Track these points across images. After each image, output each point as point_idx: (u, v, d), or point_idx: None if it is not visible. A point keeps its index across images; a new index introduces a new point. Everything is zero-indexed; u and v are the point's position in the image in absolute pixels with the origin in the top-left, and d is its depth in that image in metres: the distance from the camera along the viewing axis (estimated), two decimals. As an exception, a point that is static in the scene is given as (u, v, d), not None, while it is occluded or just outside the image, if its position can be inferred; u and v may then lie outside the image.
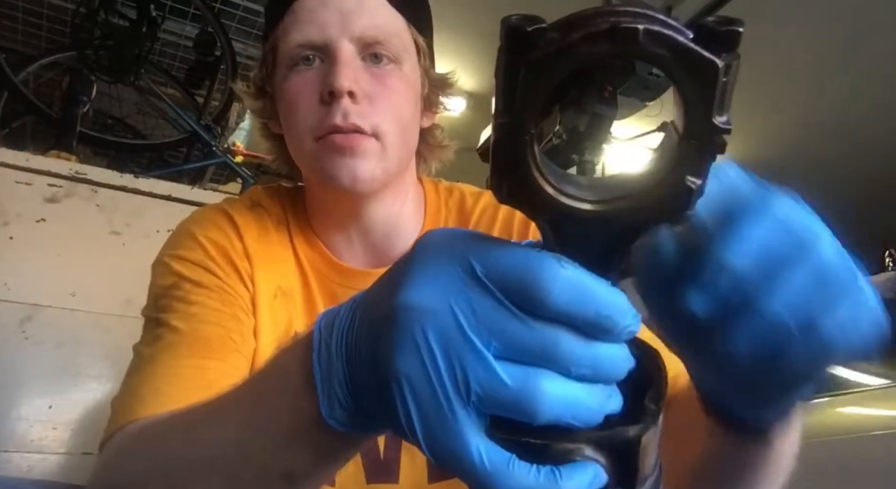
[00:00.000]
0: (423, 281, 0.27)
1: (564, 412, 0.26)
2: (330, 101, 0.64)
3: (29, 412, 1.31)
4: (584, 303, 0.26)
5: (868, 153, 4.34)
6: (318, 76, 0.65)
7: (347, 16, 0.66)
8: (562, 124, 2.02)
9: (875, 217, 4.93)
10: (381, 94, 0.66)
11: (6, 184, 1.40)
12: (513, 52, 0.23)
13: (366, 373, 0.30)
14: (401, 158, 0.69)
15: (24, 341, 1.33)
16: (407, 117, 0.69)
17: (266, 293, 0.68)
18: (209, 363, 0.59)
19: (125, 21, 2.27)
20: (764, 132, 4.13)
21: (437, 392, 0.26)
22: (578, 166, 2.05)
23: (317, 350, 0.33)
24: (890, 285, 3.41)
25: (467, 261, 0.27)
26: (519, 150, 0.25)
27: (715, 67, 0.24)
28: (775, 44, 3.35)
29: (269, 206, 0.75)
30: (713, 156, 0.26)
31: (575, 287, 0.26)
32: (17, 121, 2.45)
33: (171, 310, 0.63)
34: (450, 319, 0.26)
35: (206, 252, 0.67)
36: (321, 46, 0.66)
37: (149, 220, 1.51)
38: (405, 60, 0.69)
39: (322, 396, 0.32)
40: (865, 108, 3.90)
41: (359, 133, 0.64)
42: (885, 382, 2.81)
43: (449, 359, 0.26)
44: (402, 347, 0.27)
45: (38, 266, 1.38)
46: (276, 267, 0.70)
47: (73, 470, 1.29)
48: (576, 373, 0.26)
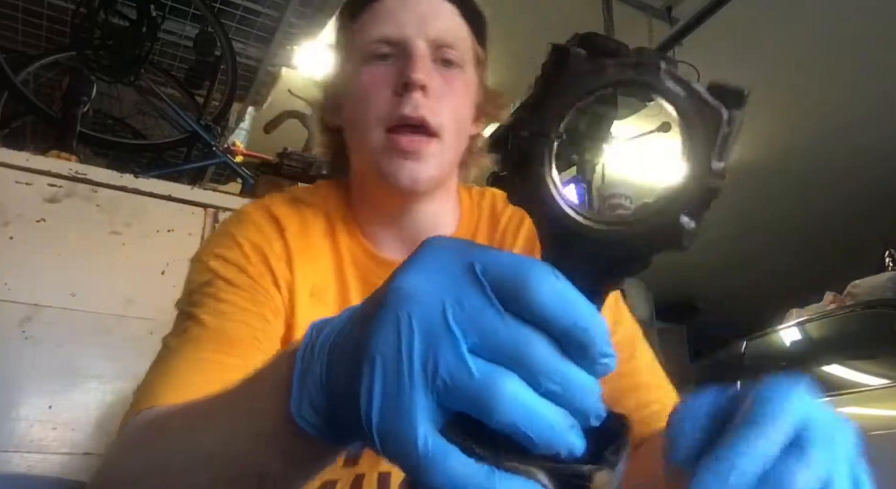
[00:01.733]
0: (422, 271, 0.28)
1: (522, 420, 0.26)
2: (403, 92, 0.68)
3: (29, 412, 1.31)
4: (565, 313, 0.27)
5: (868, 154, 4.34)
6: (392, 70, 0.70)
7: (424, 18, 0.71)
8: (562, 124, 2.02)
9: (875, 217, 4.93)
10: (447, 93, 0.71)
11: (6, 184, 1.40)
12: (556, 65, 0.27)
13: (344, 358, 0.31)
14: (453, 159, 0.74)
15: (24, 341, 1.33)
16: (464, 120, 0.74)
17: (304, 293, 0.71)
18: (230, 359, 0.60)
19: (125, 21, 2.27)
20: (764, 133, 4.13)
21: (404, 372, 0.27)
22: (578, 166, 2.05)
23: (302, 349, 0.34)
24: (890, 285, 3.41)
25: (469, 258, 0.28)
26: (539, 157, 0.28)
27: (720, 115, 0.27)
28: (776, 45, 3.35)
29: (310, 199, 0.78)
30: (708, 199, 0.28)
31: (561, 295, 0.27)
32: (17, 121, 2.44)
33: (202, 305, 0.65)
34: (436, 307, 0.27)
35: (243, 252, 0.70)
36: (397, 43, 0.70)
37: (149, 220, 1.51)
38: (468, 67, 0.75)
39: (295, 392, 0.34)
40: (866, 109, 3.90)
41: (423, 132, 0.68)
42: (885, 382, 2.81)
43: (425, 343, 0.27)
44: (384, 326, 0.28)
45: (38, 266, 1.38)
46: (315, 263, 0.73)
47: (73, 470, 1.29)
48: (544, 388, 0.27)
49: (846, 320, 3.32)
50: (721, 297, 6.69)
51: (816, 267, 5.61)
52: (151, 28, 2.25)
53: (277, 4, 2.41)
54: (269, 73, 2.74)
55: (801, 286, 4.44)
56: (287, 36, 2.55)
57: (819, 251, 5.67)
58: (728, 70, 3.48)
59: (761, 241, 5.67)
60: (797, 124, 4.05)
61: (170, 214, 1.54)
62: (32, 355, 1.33)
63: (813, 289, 3.89)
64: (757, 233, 5.51)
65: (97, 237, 1.46)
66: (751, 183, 4.71)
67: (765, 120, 4.00)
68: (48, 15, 2.37)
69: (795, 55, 3.44)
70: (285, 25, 2.48)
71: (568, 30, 1.74)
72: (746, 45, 3.36)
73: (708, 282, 6.46)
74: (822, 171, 4.55)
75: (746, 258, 6.00)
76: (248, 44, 2.59)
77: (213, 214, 1.58)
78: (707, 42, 3.06)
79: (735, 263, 6.10)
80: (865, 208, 4.97)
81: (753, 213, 5.16)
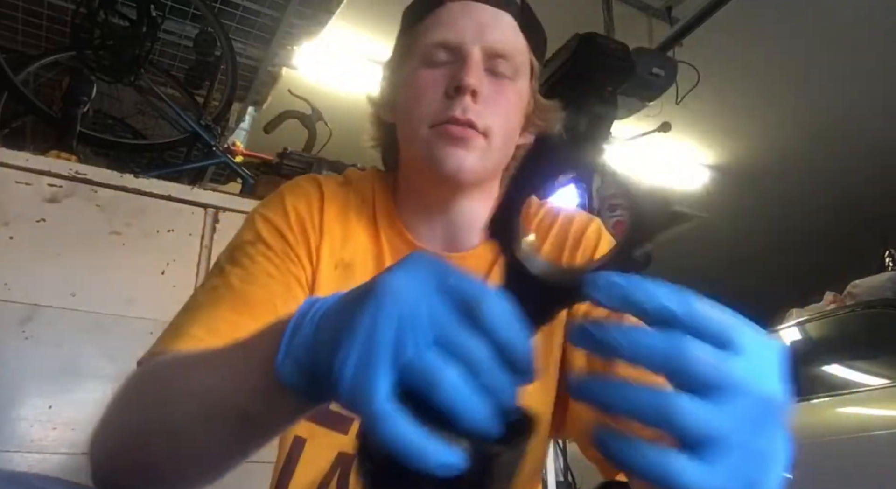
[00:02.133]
0: (407, 276, 0.36)
1: (457, 403, 0.33)
2: (454, 95, 0.72)
3: (29, 412, 1.31)
4: (505, 331, 0.34)
5: (868, 154, 4.34)
6: (446, 74, 0.74)
7: (483, 27, 0.75)
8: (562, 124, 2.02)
9: (875, 217, 4.93)
10: (497, 100, 0.74)
11: (6, 184, 1.40)
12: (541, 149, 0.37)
13: (330, 329, 0.39)
14: (498, 161, 0.78)
15: (24, 341, 1.33)
16: (512, 126, 0.78)
17: (328, 265, 0.76)
18: (243, 319, 0.65)
19: (125, 21, 2.26)
20: (765, 133, 4.13)
21: (377, 347, 0.33)
22: (578, 166, 2.04)
23: (296, 316, 0.42)
24: (890, 285, 3.41)
25: (445, 274, 0.35)
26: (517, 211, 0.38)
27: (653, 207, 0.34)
28: (775, 45, 3.36)
29: (359, 185, 0.84)
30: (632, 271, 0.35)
31: (504, 317, 0.34)
32: (17, 121, 2.44)
33: (237, 264, 0.72)
34: (411, 305, 0.34)
35: (287, 220, 0.76)
36: (455, 47, 0.74)
37: (149, 220, 1.51)
38: (521, 77, 0.78)
39: (283, 349, 0.42)
40: (866, 109, 3.90)
41: (471, 128, 0.72)
42: (885, 382, 2.81)
43: (398, 330, 0.34)
44: (369, 309, 0.35)
45: (38, 266, 1.38)
46: (346, 242, 0.78)
47: (73, 470, 1.29)
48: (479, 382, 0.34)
49: (846, 320, 3.32)
50: (721, 297, 6.67)
51: (816, 267, 5.62)
52: (151, 28, 2.25)
53: (277, 4, 2.41)
54: (269, 73, 2.74)
55: (801, 286, 4.44)
56: (287, 36, 2.55)
57: (819, 251, 5.67)
58: (728, 70, 3.49)
59: (761, 241, 5.67)
60: (797, 124, 4.05)
61: (170, 214, 1.54)
62: (32, 355, 1.33)
63: (813, 289, 3.89)
64: (757, 233, 5.52)
65: (97, 237, 1.46)
66: (751, 183, 4.71)
67: (765, 120, 4.00)
68: (48, 15, 2.37)
69: (795, 55, 3.44)
70: (285, 25, 2.48)
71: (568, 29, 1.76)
72: (746, 45, 3.36)
73: (708, 282, 6.46)
74: (822, 172, 4.55)
75: (746, 258, 6.00)
76: (248, 44, 2.59)
77: (213, 214, 1.58)
78: (707, 42, 3.07)
79: (735, 263, 6.10)
80: (865, 208, 4.98)
81: (753, 212, 5.17)
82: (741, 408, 0.33)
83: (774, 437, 0.34)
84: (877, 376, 2.89)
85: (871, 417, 2.75)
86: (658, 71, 2.60)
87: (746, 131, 4.11)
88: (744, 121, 4.01)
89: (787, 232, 5.46)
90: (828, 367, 3.22)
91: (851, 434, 2.75)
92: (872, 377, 2.92)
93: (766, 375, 0.35)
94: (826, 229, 5.37)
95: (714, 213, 5.17)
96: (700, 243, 5.71)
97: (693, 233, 5.53)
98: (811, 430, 2.95)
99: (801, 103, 3.85)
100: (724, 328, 0.34)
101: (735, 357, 0.34)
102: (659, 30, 3.13)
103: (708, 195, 4.84)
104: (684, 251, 5.67)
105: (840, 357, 3.17)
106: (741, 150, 4.29)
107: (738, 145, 4.25)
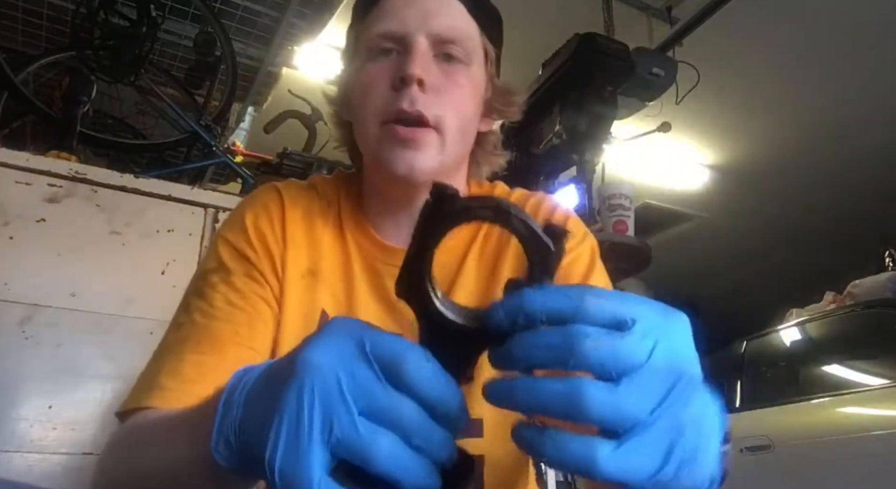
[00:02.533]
0: (324, 347, 0.35)
1: (394, 468, 0.33)
2: (400, 87, 0.70)
3: (29, 412, 1.31)
4: (431, 388, 0.35)
5: (868, 154, 4.34)
6: (392, 65, 0.72)
7: (427, 14, 0.73)
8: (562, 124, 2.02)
9: (875, 217, 4.93)
10: (447, 88, 0.72)
11: (6, 184, 1.40)
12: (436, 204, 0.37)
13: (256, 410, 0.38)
14: (457, 154, 0.76)
15: (24, 341, 1.33)
16: (468, 115, 0.75)
17: (294, 275, 0.75)
18: (207, 358, 0.65)
19: (125, 21, 2.26)
20: (764, 133, 4.13)
21: (304, 428, 0.33)
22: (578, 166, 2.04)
23: (226, 394, 0.41)
24: (890, 285, 3.41)
25: (361, 339, 0.35)
26: (423, 266, 0.38)
27: (548, 247, 0.36)
28: (775, 44, 3.36)
29: (324, 188, 0.83)
30: None
31: (429, 374, 0.35)
32: (17, 121, 2.44)
33: (200, 296, 0.71)
34: (333, 379, 0.34)
35: (248, 237, 0.75)
36: (399, 38, 0.72)
37: (149, 220, 1.51)
38: (473, 63, 0.76)
39: (214, 431, 0.41)
40: (866, 109, 3.90)
41: (421, 125, 0.70)
42: (885, 382, 2.81)
43: (324, 407, 0.33)
44: (292, 390, 0.34)
45: (38, 266, 1.38)
46: (312, 249, 0.77)
47: (73, 470, 1.29)
48: (413, 443, 0.34)
49: (846, 320, 3.32)
50: (721, 297, 6.69)
51: (816, 267, 5.62)
52: (151, 28, 2.25)
53: (277, 4, 2.42)
54: (269, 73, 2.75)
55: (801, 286, 4.44)
56: (287, 36, 2.55)
57: (819, 251, 5.67)
58: (728, 70, 3.49)
59: (761, 241, 5.67)
60: (797, 124, 4.05)
61: (170, 214, 1.54)
62: (32, 355, 1.33)
63: (813, 289, 3.89)
64: (757, 233, 5.52)
65: (97, 237, 1.46)
66: (751, 183, 4.71)
67: (765, 120, 4.00)
68: (48, 15, 2.37)
69: (795, 55, 3.44)
70: (285, 25, 2.48)
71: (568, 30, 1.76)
72: (746, 45, 3.36)
73: (708, 282, 6.47)
74: (822, 171, 4.55)
75: (746, 258, 6.00)
76: (248, 44, 2.59)
77: (213, 214, 1.58)
78: (707, 42, 3.07)
79: (735, 263, 6.10)
80: (865, 208, 4.98)
81: (753, 212, 5.17)
82: (650, 385, 0.33)
83: (694, 408, 0.34)
84: (877, 376, 2.89)
85: (871, 417, 2.75)
86: (658, 71, 2.60)
87: (746, 131, 4.11)
88: (744, 121, 4.01)
89: (786, 232, 5.46)
90: (828, 367, 3.22)
91: (851, 434, 2.75)
92: (872, 377, 2.92)
93: (671, 348, 0.35)
94: (826, 229, 5.36)
95: (714, 212, 5.17)
96: (700, 243, 5.71)
97: (693, 232, 5.53)
98: (811, 430, 2.95)
99: (801, 103, 3.85)
100: (618, 312, 0.34)
101: (633, 337, 0.34)
102: (659, 30, 3.13)
103: (708, 195, 4.84)
104: (684, 251, 5.67)
105: (840, 357, 3.17)
106: (741, 150, 4.29)
107: (738, 145, 4.25)
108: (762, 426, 3.19)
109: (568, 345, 0.33)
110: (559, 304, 0.35)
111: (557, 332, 0.34)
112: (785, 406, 3.17)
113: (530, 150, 2.06)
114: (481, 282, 0.78)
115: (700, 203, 5.00)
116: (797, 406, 3.10)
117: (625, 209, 1.99)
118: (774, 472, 3.03)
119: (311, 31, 2.53)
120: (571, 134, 2.03)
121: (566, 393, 0.33)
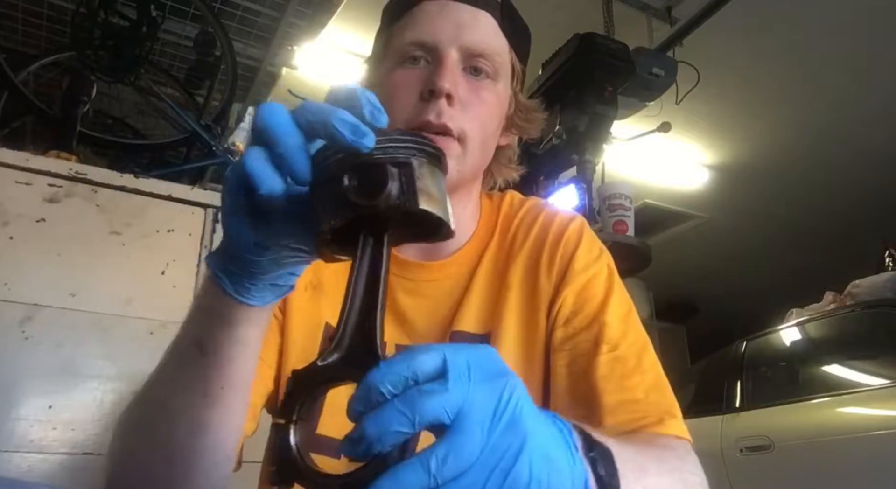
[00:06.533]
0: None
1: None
2: (429, 98, 0.70)
3: (29, 412, 1.31)
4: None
5: (869, 154, 4.34)
6: (421, 75, 0.72)
7: (460, 27, 0.73)
8: (562, 124, 2.02)
9: (875, 217, 4.93)
10: (473, 103, 0.72)
11: (6, 184, 1.40)
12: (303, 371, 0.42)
13: None
14: (476, 166, 0.76)
15: (24, 341, 1.33)
16: (490, 129, 0.75)
17: (298, 288, 0.75)
18: None
19: (125, 21, 2.27)
20: (764, 133, 4.13)
21: None
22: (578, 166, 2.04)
23: None
24: (890, 285, 3.41)
25: (304, 106, 0.47)
26: (287, 437, 0.41)
27: None
28: (776, 45, 3.35)
29: None
30: None
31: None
32: (17, 121, 2.44)
33: None
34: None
35: None
36: (431, 48, 0.72)
37: (149, 220, 1.51)
38: (500, 78, 0.76)
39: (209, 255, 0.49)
40: (866, 109, 3.90)
41: (446, 134, 0.69)
42: (885, 382, 2.81)
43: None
44: None
45: (38, 266, 1.38)
46: (314, 265, 0.77)
47: (73, 470, 1.29)
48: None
49: (846, 320, 3.32)
50: (721, 297, 6.69)
51: (816, 267, 5.62)
52: (151, 28, 2.25)
53: (277, 4, 2.42)
54: (269, 73, 2.75)
55: (801, 286, 4.44)
56: (287, 36, 2.55)
57: (819, 251, 5.67)
58: (728, 70, 3.48)
59: (761, 241, 5.67)
60: (797, 124, 4.05)
61: (170, 214, 1.54)
62: (32, 355, 1.33)
63: (813, 289, 3.89)
64: (757, 233, 5.51)
65: (97, 237, 1.46)
66: (751, 183, 4.71)
67: (765, 120, 4.00)
68: (48, 15, 2.37)
69: (795, 55, 3.44)
70: (285, 25, 2.48)
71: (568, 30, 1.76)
72: (746, 45, 3.36)
73: (708, 282, 6.46)
74: (822, 171, 4.55)
75: (746, 258, 6.00)
76: (248, 44, 2.59)
77: (213, 214, 1.58)
78: (707, 42, 3.07)
79: (735, 263, 6.10)
80: (865, 208, 4.97)
81: (753, 212, 5.16)
82: (470, 425, 0.34)
83: (511, 447, 0.35)
84: (877, 376, 2.89)
85: (871, 417, 2.75)
86: (658, 71, 2.61)
87: (746, 131, 4.11)
88: (744, 121, 4.01)
89: (786, 232, 5.46)
90: (828, 367, 3.22)
91: (851, 434, 2.75)
92: (872, 377, 2.92)
93: (478, 389, 0.35)
94: (826, 229, 5.36)
95: (714, 212, 5.17)
96: (700, 243, 5.71)
97: (693, 232, 5.53)
98: (811, 430, 2.95)
99: (801, 103, 3.84)
100: (434, 369, 0.35)
101: (447, 385, 0.35)
102: (659, 30, 3.13)
103: (708, 195, 4.84)
104: (684, 251, 5.67)
105: (840, 357, 3.17)
106: (741, 150, 4.29)
107: (738, 145, 4.24)
108: (762, 426, 3.19)
109: (408, 409, 0.34)
110: (385, 389, 0.35)
111: (398, 403, 0.35)
112: (785, 406, 3.17)
113: (530, 150, 2.06)
114: (492, 290, 0.78)
115: (700, 203, 5.00)
116: (797, 406, 3.10)
117: (625, 209, 1.99)
118: (774, 472, 3.03)
119: (311, 31, 2.53)
120: (571, 134, 2.03)
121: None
